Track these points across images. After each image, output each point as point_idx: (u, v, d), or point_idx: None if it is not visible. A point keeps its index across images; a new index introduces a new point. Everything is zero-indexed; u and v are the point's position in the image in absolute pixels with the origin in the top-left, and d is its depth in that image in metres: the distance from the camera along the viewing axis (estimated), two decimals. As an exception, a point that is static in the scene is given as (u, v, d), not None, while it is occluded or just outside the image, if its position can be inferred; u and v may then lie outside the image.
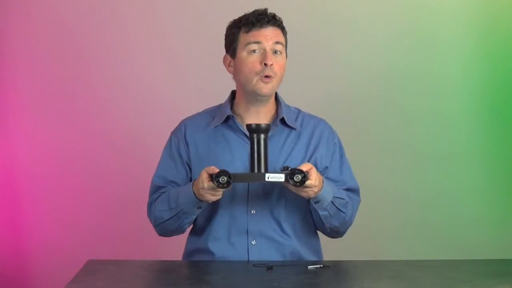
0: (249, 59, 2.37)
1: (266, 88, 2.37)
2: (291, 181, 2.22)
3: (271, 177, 2.22)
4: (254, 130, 2.25)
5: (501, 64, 3.51)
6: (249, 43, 2.37)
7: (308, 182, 2.24)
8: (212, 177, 2.22)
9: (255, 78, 2.36)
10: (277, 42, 2.37)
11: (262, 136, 2.24)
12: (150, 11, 3.56)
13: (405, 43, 3.53)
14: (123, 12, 3.56)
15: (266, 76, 2.35)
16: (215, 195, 2.29)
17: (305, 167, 2.25)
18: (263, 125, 2.25)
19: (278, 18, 2.41)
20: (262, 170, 2.23)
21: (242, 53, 2.38)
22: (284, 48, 2.41)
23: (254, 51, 2.37)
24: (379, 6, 3.53)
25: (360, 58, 3.53)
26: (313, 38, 3.52)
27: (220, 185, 2.21)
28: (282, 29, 2.42)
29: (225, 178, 2.21)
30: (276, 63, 2.37)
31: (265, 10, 2.40)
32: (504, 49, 3.50)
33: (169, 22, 3.55)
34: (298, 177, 2.22)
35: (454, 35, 3.53)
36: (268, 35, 2.37)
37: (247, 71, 2.37)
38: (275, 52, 2.38)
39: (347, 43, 3.54)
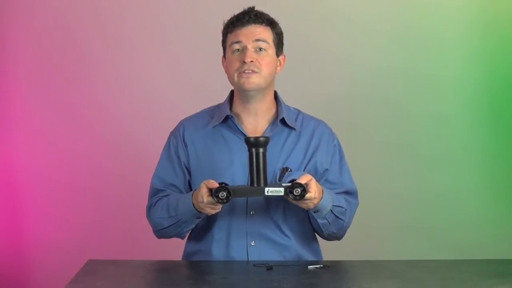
0: (232, 58, 2.40)
1: (247, 82, 2.37)
2: (290, 195, 2.22)
3: (270, 191, 2.22)
4: (253, 144, 2.24)
5: (501, 65, 3.51)
6: (232, 43, 2.40)
7: (307, 195, 2.23)
8: (212, 192, 2.22)
9: (235, 75, 2.38)
10: (258, 40, 2.38)
11: (261, 150, 2.23)
12: (150, 12, 3.56)
13: (405, 44, 3.53)
14: (123, 14, 3.56)
15: (245, 72, 2.36)
16: (214, 209, 2.29)
17: (304, 179, 2.24)
18: (261, 139, 2.24)
19: (262, 15, 2.40)
20: (262, 184, 2.23)
21: (228, 53, 2.42)
22: (269, 45, 2.40)
23: (237, 50, 2.39)
24: (379, 7, 3.53)
25: (360, 58, 3.53)
26: (312, 38, 3.52)
27: (220, 201, 2.21)
28: (270, 25, 2.41)
29: (225, 193, 2.21)
30: (261, 59, 2.37)
31: (250, 8, 2.41)
32: (504, 50, 3.50)
33: (168, 22, 3.55)
34: (297, 191, 2.21)
35: (454, 36, 3.53)
36: (248, 34, 2.38)
37: (229, 70, 2.41)
38: (259, 49, 2.38)
39: (346, 44, 3.54)
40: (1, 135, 3.56)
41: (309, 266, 2.28)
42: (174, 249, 2.62)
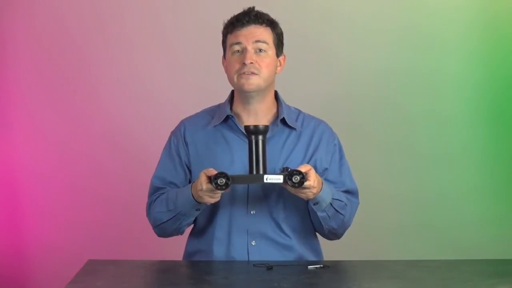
0: (232, 59, 2.39)
1: (247, 84, 2.37)
2: (289, 182, 2.22)
3: (269, 178, 2.22)
4: (252, 131, 2.24)
5: (501, 65, 3.51)
6: (232, 44, 2.39)
7: (306, 183, 2.23)
8: (211, 179, 2.22)
9: (235, 76, 2.38)
10: (257, 41, 2.38)
11: (260, 137, 2.24)
12: (150, 11, 3.56)
13: (405, 44, 3.53)
14: (124, 14, 3.56)
15: (245, 73, 2.36)
16: (213, 197, 2.29)
17: (304, 168, 2.24)
18: (261, 127, 2.25)
19: (262, 16, 2.40)
20: (261, 172, 2.23)
21: (228, 54, 2.42)
22: (269, 46, 2.39)
23: (237, 51, 2.38)
24: (380, 7, 3.53)
25: (360, 58, 3.53)
26: (312, 38, 3.51)
27: (219, 187, 2.21)
28: (270, 25, 2.41)
29: (224, 180, 2.21)
30: (261, 61, 2.37)
31: (250, 8, 2.41)
32: (504, 49, 3.50)
33: (169, 22, 3.55)
34: (296, 178, 2.22)
35: (455, 35, 3.53)
36: (248, 35, 2.38)
37: (229, 71, 2.40)
38: (259, 50, 2.38)
39: (347, 44, 3.54)
40: (1, 135, 3.56)
41: (309, 266, 2.28)
42: (175, 249, 2.62)
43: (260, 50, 2.38)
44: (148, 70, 3.56)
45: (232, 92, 2.49)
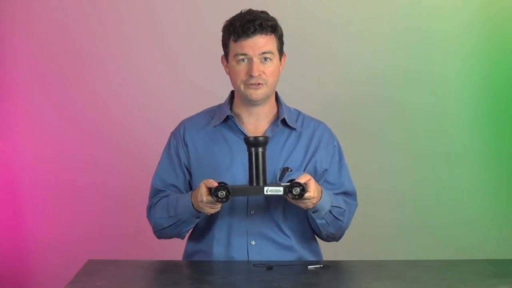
0: (237, 68, 2.38)
1: (255, 94, 2.38)
2: (290, 195, 2.22)
3: (269, 190, 2.22)
4: (252, 143, 2.24)
5: (501, 64, 3.51)
6: (236, 54, 2.38)
7: (306, 195, 2.24)
8: (211, 191, 2.23)
9: (242, 86, 2.38)
10: (264, 52, 2.37)
11: (260, 149, 2.24)
12: (150, 11, 3.56)
13: (405, 43, 3.53)
14: (123, 13, 3.56)
15: (253, 84, 2.36)
16: (214, 208, 2.29)
17: (303, 179, 2.24)
18: (261, 139, 2.25)
19: (266, 24, 2.37)
20: (261, 183, 2.23)
21: (232, 62, 2.40)
22: (274, 55, 2.38)
23: (242, 60, 2.37)
24: (379, 7, 3.53)
25: (360, 58, 3.53)
26: (312, 39, 3.51)
27: (219, 200, 2.22)
28: (274, 32, 2.39)
29: (224, 192, 2.21)
30: (266, 70, 2.37)
31: (253, 16, 2.37)
32: (504, 49, 3.50)
33: (168, 22, 3.55)
34: (296, 190, 2.22)
35: (454, 35, 3.53)
36: (254, 46, 2.36)
37: (235, 79, 2.40)
38: (265, 59, 2.37)
39: (347, 44, 3.54)
40: (1, 135, 3.56)
41: (309, 266, 2.28)
42: (174, 249, 2.62)
43: (266, 59, 2.37)
44: (148, 70, 3.56)
45: (232, 92, 2.49)
